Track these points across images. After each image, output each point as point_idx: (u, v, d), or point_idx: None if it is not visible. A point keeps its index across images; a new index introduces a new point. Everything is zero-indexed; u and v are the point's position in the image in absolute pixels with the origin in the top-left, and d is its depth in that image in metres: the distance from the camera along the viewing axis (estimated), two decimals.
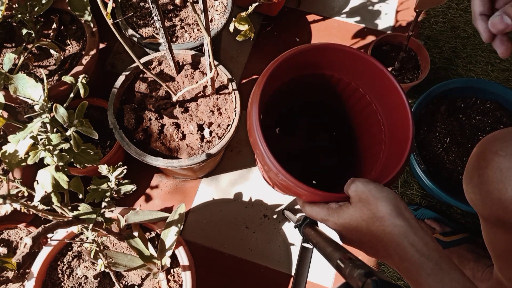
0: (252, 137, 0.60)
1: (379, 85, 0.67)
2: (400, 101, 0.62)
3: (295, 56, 0.65)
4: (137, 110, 0.83)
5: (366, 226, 0.47)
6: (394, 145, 0.63)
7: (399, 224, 0.44)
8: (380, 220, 0.45)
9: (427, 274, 0.41)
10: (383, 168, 0.63)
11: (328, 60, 0.69)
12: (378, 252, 0.47)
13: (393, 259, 0.44)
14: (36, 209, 0.48)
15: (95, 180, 0.58)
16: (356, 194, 0.49)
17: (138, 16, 0.96)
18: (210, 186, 1.02)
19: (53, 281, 0.76)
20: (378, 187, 0.48)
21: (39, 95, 0.51)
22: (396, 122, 0.64)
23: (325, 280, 0.93)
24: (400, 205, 0.46)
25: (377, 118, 0.70)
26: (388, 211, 0.45)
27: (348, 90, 0.75)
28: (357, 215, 0.48)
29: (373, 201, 0.47)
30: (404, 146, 0.58)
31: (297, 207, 1.01)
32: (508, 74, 1.14)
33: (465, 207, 0.84)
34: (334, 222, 0.51)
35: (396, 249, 0.44)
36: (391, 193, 0.47)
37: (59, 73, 0.90)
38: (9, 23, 0.94)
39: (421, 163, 0.90)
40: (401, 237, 0.44)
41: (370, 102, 0.71)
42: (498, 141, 0.52)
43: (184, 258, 0.75)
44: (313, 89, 0.79)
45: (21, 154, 0.47)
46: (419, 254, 0.42)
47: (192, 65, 0.88)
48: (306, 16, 1.25)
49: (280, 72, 0.67)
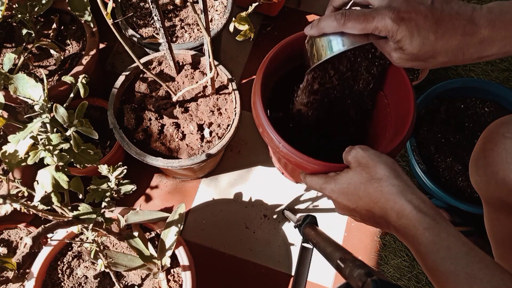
0: (255, 113, 0.64)
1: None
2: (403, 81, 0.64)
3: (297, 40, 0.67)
4: (137, 110, 0.83)
5: (364, 188, 0.48)
6: (398, 122, 0.66)
7: (397, 184, 0.46)
8: (378, 181, 0.47)
9: (424, 228, 0.42)
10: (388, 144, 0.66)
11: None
12: (375, 214, 0.48)
13: (389, 218, 0.45)
14: (36, 209, 0.48)
15: (95, 180, 0.58)
16: (356, 159, 0.51)
17: (138, 16, 0.96)
18: (210, 186, 1.02)
19: (53, 281, 0.76)
20: (376, 153, 0.50)
21: (39, 95, 0.51)
22: (399, 102, 0.66)
23: (325, 280, 0.93)
24: (397, 169, 0.48)
25: (384, 101, 0.72)
26: (387, 173, 0.47)
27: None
28: (356, 178, 0.49)
29: (372, 164, 0.49)
30: (407, 119, 0.61)
31: (297, 207, 1.01)
32: (508, 74, 1.14)
33: (465, 207, 0.84)
34: (331, 189, 0.52)
35: (393, 207, 0.45)
36: (389, 158, 0.50)
37: (59, 73, 0.90)
38: (9, 23, 0.94)
39: (421, 163, 0.90)
40: (399, 195, 0.45)
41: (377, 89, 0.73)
42: (506, 124, 0.52)
43: (184, 258, 0.75)
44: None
45: (21, 154, 0.47)
46: (416, 210, 0.43)
47: (192, 65, 0.88)
48: (306, 16, 1.25)
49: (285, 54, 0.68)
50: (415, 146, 0.92)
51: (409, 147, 0.92)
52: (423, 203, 0.44)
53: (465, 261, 0.39)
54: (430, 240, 0.41)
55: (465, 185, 0.90)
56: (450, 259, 0.39)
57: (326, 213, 1.00)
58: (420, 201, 0.44)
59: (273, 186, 1.02)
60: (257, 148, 1.06)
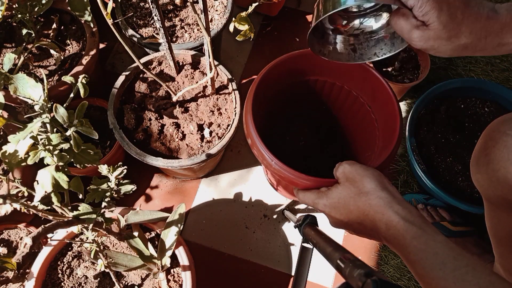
0: (247, 130, 0.66)
1: (368, 85, 0.71)
2: (388, 97, 0.67)
3: (286, 61, 0.70)
4: (137, 110, 0.83)
5: (354, 202, 0.50)
6: (386, 135, 0.68)
7: (384, 196, 0.47)
8: (366, 194, 0.49)
9: (412, 237, 0.43)
10: (377, 158, 0.68)
11: (319, 65, 0.73)
12: (366, 227, 0.49)
13: (379, 229, 0.47)
14: (36, 209, 0.48)
15: (95, 180, 0.58)
16: (344, 174, 0.53)
17: (138, 16, 0.96)
18: (210, 186, 1.02)
19: (53, 281, 0.76)
20: (363, 166, 0.52)
21: (39, 95, 0.51)
22: (386, 116, 0.69)
23: (325, 280, 0.93)
24: (383, 181, 0.50)
25: (371, 116, 0.75)
26: (373, 186, 0.49)
27: (342, 94, 0.79)
28: (345, 193, 0.51)
29: (358, 178, 0.50)
30: (394, 133, 0.63)
31: (297, 207, 1.01)
32: (508, 74, 1.14)
33: (465, 207, 0.84)
34: (324, 204, 0.54)
35: (381, 219, 0.46)
36: (375, 171, 0.51)
37: (59, 73, 0.90)
38: (9, 23, 0.94)
39: (421, 163, 0.90)
40: (386, 207, 0.46)
41: (363, 103, 0.76)
42: (507, 121, 0.53)
43: (184, 258, 0.75)
44: (310, 96, 0.83)
45: (21, 154, 0.47)
46: (403, 221, 0.44)
47: (192, 65, 0.88)
48: (306, 16, 1.25)
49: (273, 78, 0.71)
50: (415, 146, 0.92)
51: (409, 147, 0.92)
52: (409, 213, 0.45)
53: (453, 265, 0.40)
54: (418, 248, 0.42)
55: (465, 185, 0.90)
56: (439, 265, 0.40)
57: None
58: (407, 211, 0.45)
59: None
60: None
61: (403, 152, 1.06)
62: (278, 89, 0.77)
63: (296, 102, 0.84)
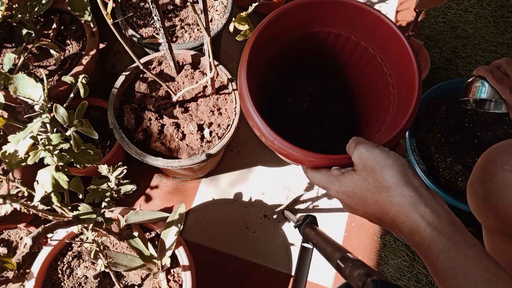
0: (244, 106, 0.58)
1: (380, 35, 0.63)
2: (403, 48, 0.58)
3: (284, 14, 0.61)
4: (137, 110, 0.83)
5: (372, 196, 0.43)
6: (402, 95, 0.59)
7: (408, 194, 0.41)
8: (387, 190, 0.42)
9: (440, 249, 0.37)
10: (393, 123, 0.59)
11: (323, 14, 0.64)
12: (386, 224, 0.44)
13: (401, 231, 0.41)
14: (36, 209, 0.48)
15: (95, 180, 0.58)
16: (361, 161, 0.45)
17: (138, 16, 0.96)
18: (210, 186, 1.02)
19: (53, 281, 0.76)
20: (383, 153, 0.44)
21: (39, 95, 0.51)
22: (402, 71, 0.60)
23: (325, 280, 0.93)
24: (408, 172, 0.43)
25: (383, 70, 0.65)
26: (395, 180, 0.42)
27: (349, 46, 0.70)
28: (362, 184, 0.44)
29: (378, 169, 0.43)
30: (411, 94, 0.54)
31: (297, 207, 1.01)
32: None
33: (465, 207, 0.84)
34: (336, 190, 0.47)
35: (405, 222, 0.40)
36: (398, 159, 0.43)
37: (59, 73, 0.90)
38: (9, 23, 0.94)
39: (421, 163, 0.90)
40: (410, 208, 0.40)
41: (373, 55, 0.66)
42: (504, 153, 0.50)
43: (184, 258, 0.75)
44: (313, 51, 0.74)
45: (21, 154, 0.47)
46: (431, 228, 0.38)
47: (192, 65, 0.88)
48: None
49: (272, 32, 0.62)
50: (415, 146, 0.92)
51: (409, 147, 0.92)
52: (438, 217, 0.39)
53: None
54: (446, 265, 0.37)
55: (465, 185, 0.90)
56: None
57: (326, 213, 1.00)
58: (435, 216, 0.39)
59: (273, 186, 1.02)
60: (257, 148, 1.06)
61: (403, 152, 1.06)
62: (275, 47, 0.68)
63: (297, 59, 0.75)
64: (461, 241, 0.37)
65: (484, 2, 1.25)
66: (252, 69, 0.60)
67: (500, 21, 1.22)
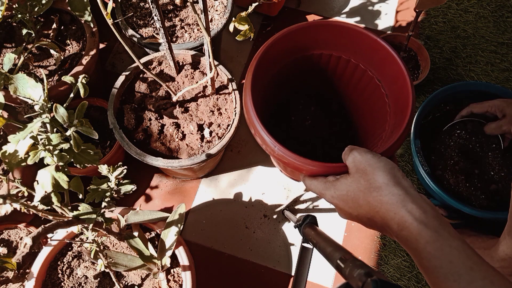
0: (247, 115, 0.61)
1: (378, 57, 0.66)
2: (398, 68, 0.62)
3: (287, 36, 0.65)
4: (137, 110, 0.83)
5: (363, 196, 0.46)
6: (398, 113, 0.63)
7: (397, 193, 0.44)
8: (377, 190, 0.45)
9: (426, 241, 0.40)
10: (388, 138, 0.63)
11: (323, 38, 0.68)
12: (376, 223, 0.46)
13: (391, 228, 0.44)
14: (36, 209, 0.48)
15: (95, 180, 0.58)
16: (354, 164, 0.48)
17: (138, 16, 0.96)
18: (210, 186, 1.02)
19: (53, 281, 0.76)
20: (375, 157, 0.47)
21: (39, 95, 0.51)
22: (397, 90, 0.64)
23: (325, 280, 0.93)
24: (397, 174, 0.46)
25: (381, 91, 0.69)
26: (385, 181, 0.45)
27: (349, 68, 0.74)
28: (354, 185, 0.47)
29: (370, 171, 0.46)
30: (405, 112, 0.58)
31: (297, 207, 1.01)
32: (508, 74, 1.14)
33: (468, 210, 0.84)
34: (331, 195, 0.50)
35: (394, 218, 0.43)
36: (389, 162, 0.47)
37: (59, 73, 0.90)
38: (9, 23, 0.94)
39: (425, 165, 0.89)
40: (398, 205, 0.43)
41: (372, 77, 0.70)
42: None
43: (184, 258, 0.75)
44: (315, 73, 0.77)
45: (21, 154, 0.47)
46: (417, 222, 0.41)
47: (192, 65, 0.88)
48: (306, 16, 1.25)
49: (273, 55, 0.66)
50: (419, 147, 0.91)
51: (413, 149, 0.91)
52: (424, 213, 0.42)
53: (469, 277, 0.37)
54: (432, 255, 0.39)
55: (468, 188, 0.90)
56: (453, 275, 0.38)
57: (326, 213, 1.00)
58: (421, 211, 0.42)
59: (273, 186, 1.02)
60: (257, 148, 1.06)
61: (402, 152, 1.06)
62: (279, 67, 0.72)
63: (300, 79, 0.79)
64: (445, 233, 0.40)
65: (484, 2, 1.25)
66: (257, 85, 0.63)
67: (500, 21, 1.22)
